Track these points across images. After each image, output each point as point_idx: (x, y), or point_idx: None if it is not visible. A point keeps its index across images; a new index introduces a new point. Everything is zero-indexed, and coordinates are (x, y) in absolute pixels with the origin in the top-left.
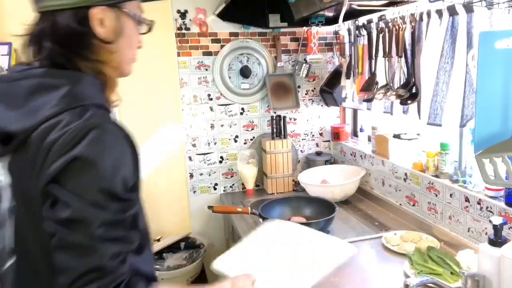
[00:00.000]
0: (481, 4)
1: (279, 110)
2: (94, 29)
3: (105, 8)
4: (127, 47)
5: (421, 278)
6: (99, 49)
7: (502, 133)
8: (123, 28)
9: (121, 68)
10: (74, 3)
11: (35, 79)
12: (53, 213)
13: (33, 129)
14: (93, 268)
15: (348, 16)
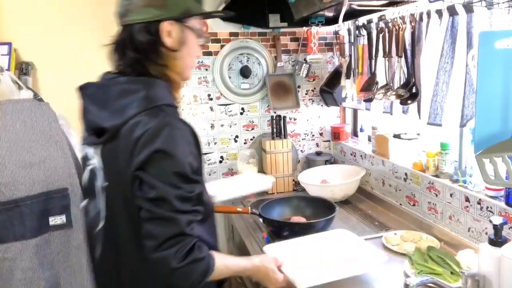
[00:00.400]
0: (481, 4)
1: (279, 110)
2: (163, 39)
3: (173, 22)
4: (188, 55)
5: (421, 278)
6: (166, 56)
7: (502, 133)
8: (186, 39)
9: (183, 73)
10: (150, 17)
11: (120, 85)
12: (142, 193)
13: (121, 125)
14: (174, 234)
15: (348, 16)
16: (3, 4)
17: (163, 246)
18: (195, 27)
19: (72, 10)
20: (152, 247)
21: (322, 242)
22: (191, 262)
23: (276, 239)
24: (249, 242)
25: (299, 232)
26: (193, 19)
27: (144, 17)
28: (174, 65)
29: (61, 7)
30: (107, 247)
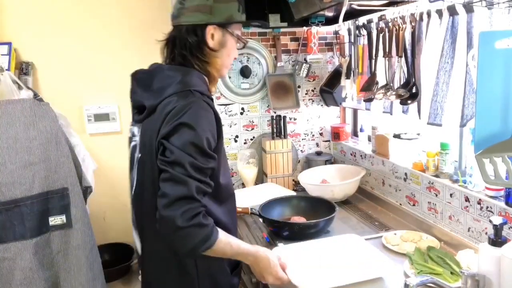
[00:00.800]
0: (481, 4)
1: (279, 110)
2: (207, 40)
3: (216, 27)
4: (227, 56)
5: (421, 278)
6: (208, 54)
7: (502, 133)
8: (226, 42)
9: (220, 70)
10: (197, 21)
11: (162, 72)
12: (163, 157)
13: (157, 104)
14: (184, 196)
15: (348, 16)
16: (3, 4)
17: (173, 206)
18: (235, 32)
19: (72, 10)
20: (163, 205)
21: (329, 247)
22: (195, 225)
23: (276, 239)
24: (249, 242)
25: (299, 232)
26: (234, 26)
27: (193, 20)
28: (214, 62)
29: (61, 7)
30: (138, 211)
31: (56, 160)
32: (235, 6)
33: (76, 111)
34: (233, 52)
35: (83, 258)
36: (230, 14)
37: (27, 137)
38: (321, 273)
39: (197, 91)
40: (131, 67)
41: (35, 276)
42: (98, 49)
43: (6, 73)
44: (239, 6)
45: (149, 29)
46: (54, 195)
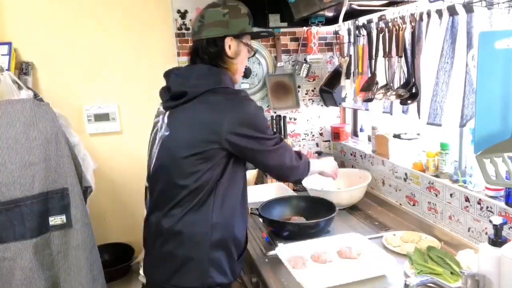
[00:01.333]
0: (481, 4)
1: (279, 110)
2: (226, 49)
3: (232, 38)
4: (240, 63)
5: (421, 278)
6: (227, 61)
7: (502, 133)
8: (240, 51)
9: (235, 75)
10: (217, 34)
11: (201, 69)
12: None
13: (196, 95)
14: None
15: (348, 16)
16: (3, 4)
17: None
18: (247, 42)
19: (72, 10)
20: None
21: (333, 246)
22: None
23: (276, 239)
24: (249, 242)
25: (299, 232)
26: (246, 37)
27: (213, 34)
28: (231, 68)
29: (61, 8)
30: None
31: (56, 160)
32: (246, 21)
33: (76, 111)
34: (245, 60)
35: (83, 258)
36: (243, 27)
37: (27, 137)
38: (324, 271)
39: (228, 87)
40: (131, 67)
41: (35, 276)
42: (98, 49)
43: (6, 73)
44: (249, 20)
45: (149, 29)
46: (54, 195)
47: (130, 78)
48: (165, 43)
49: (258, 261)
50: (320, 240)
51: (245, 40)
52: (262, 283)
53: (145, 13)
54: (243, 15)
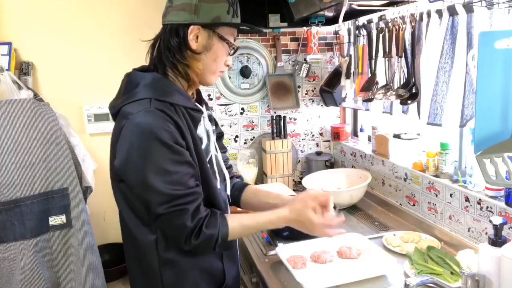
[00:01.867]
0: (481, 4)
1: (279, 110)
2: (189, 41)
3: (200, 28)
4: (212, 61)
5: (421, 278)
6: (189, 57)
7: (502, 133)
8: (211, 46)
9: (203, 76)
10: (181, 20)
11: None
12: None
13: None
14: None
15: (348, 16)
16: (3, 4)
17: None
18: (223, 36)
19: (72, 10)
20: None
21: (333, 246)
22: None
23: (276, 239)
24: (249, 242)
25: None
26: (223, 29)
27: (177, 19)
28: (194, 65)
29: (61, 8)
30: None
31: (56, 160)
32: (224, 7)
33: (76, 111)
34: (220, 57)
35: (83, 258)
36: (217, 15)
37: (27, 137)
38: (324, 271)
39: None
40: (131, 67)
41: (35, 276)
42: (98, 49)
43: (6, 73)
44: (229, 7)
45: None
46: (54, 195)
47: None
48: None
49: (258, 261)
50: (320, 240)
51: (222, 32)
52: (262, 283)
53: (145, 13)
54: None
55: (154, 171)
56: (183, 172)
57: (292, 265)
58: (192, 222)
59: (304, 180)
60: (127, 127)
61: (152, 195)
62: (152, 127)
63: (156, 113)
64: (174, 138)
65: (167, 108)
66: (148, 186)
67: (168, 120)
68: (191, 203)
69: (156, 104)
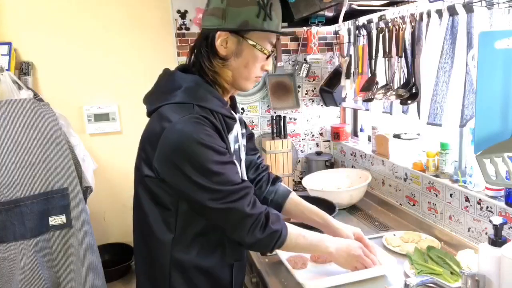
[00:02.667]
0: (481, 4)
1: (279, 110)
2: (217, 47)
3: (228, 33)
4: (244, 67)
5: (421, 278)
6: (216, 64)
7: (502, 133)
8: (241, 51)
9: (235, 82)
10: (210, 25)
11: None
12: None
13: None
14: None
15: (348, 16)
16: (3, 4)
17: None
18: (254, 41)
19: (72, 10)
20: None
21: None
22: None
23: None
24: None
25: None
26: (254, 34)
27: (207, 24)
28: (223, 73)
29: (61, 7)
30: None
31: (56, 160)
32: (252, 11)
33: (76, 111)
34: (252, 63)
35: (83, 258)
36: (245, 19)
37: (27, 137)
38: (324, 271)
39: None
40: (131, 67)
41: (35, 276)
42: (98, 49)
43: (6, 73)
44: (259, 10)
45: (149, 29)
46: (54, 195)
47: (130, 78)
48: (165, 43)
49: (258, 261)
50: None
51: (252, 37)
52: (262, 283)
53: (145, 13)
54: (249, 2)
55: (202, 174)
56: (229, 171)
57: (292, 265)
58: (252, 210)
59: (304, 180)
60: (170, 131)
61: (203, 194)
62: (194, 133)
63: (199, 119)
64: (216, 140)
65: (208, 114)
66: (198, 187)
67: (209, 126)
68: (245, 196)
69: (198, 110)
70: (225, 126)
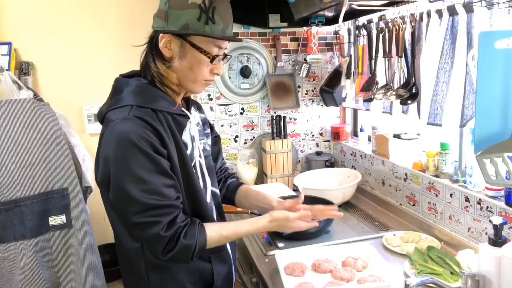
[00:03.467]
0: (481, 4)
1: (279, 110)
2: (160, 49)
3: (171, 36)
4: (189, 69)
5: (421, 278)
6: (160, 65)
7: (502, 133)
8: (185, 54)
9: (183, 84)
10: (155, 27)
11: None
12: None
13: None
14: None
15: (348, 16)
16: (3, 4)
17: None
18: (196, 44)
19: (72, 10)
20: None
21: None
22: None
23: (276, 239)
24: (249, 242)
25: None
26: (197, 37)
27: (154, 26)
28: (168, 75)
29: (61, 8)
30: None
31: (56, 160)
32: (193, 14)
33: (76, 111)
34: (197, 66)
35: (83, 258)
36: (185, 22)
37: (27, 137)
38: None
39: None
40: (131, 67)
41: (35, 276)
42: (98, 49)
43: (6, 73)
44: (200, 14)
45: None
46: (54, 195)
47: None
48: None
49: (258, 261)
50: (326, 248)
51: (196, 40)
52: (262, 283)
53: (145, 13)
54: (190, 5)
55: (130, 179)
56: (160, 182)
57: (290, 272)
58: (168, 232)
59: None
60: (106, 134)
61: (128, 204)
62: (129, 135)
63: (134, 121)
64: (152, 146)
65: (148, 115)
66: (124, 194)
67: (146, 128)
68: (167, 215)
69: (136, 111)
70: (175, 125)
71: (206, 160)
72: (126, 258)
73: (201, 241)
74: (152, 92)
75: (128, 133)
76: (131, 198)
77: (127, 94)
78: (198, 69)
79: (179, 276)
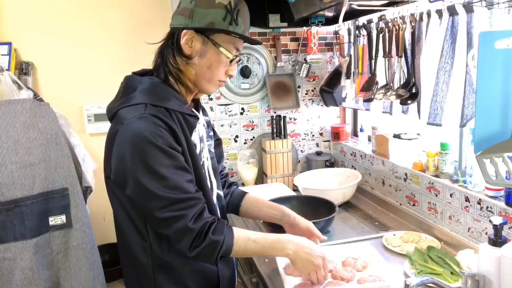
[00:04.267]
0: (481, 4)
1: (279, 110)
2: (182, 45)
3: (194, 33)
4: (207, 68)
5: (421, 278)
6: (180, 61)
7: (502, 133)
8: (206, 52)
9: (198, 83)
10: (177, 24)
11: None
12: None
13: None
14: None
15: (348, 16)
16: (3, 4)
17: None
18: (218, 43)
19: (72, 10)
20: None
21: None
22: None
23: None
24: None
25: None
26: (220, 36)
27: (175, 23)
28: (187, 71)
29: (61, 8)
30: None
31: (56, 160)
32: (219, 14)
33: (76, 111)
34: (215, 65)
35: (83, 258)
36: (211, 21)
37: (27, 137)
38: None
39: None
40: (131, 67)
41: (35, 276)
42: (98, 49)
43: (6, 73)
44: (226, 14)
45: (149, 29)
46: (54, 195)
47: None
48: None
49: (258, 261)
50: (326, 247)
51: (218, 39)
52: (262, 283)
53: (145, 13)
54: (217, 5)
55: (150, 177)
56: (179, 177)
57: (290, 272)
58: (195, 224)
59: (296, 179)
60: (122, 132)
61: (151, 201)
62: (145, 133)
63: (150, 119)
64: (168, 143)
65: (162, 114)
66: (146, 191)
67: (161, 126)
68: (191, 208)
69: (150, 109)
70: (186, 124)
71: (211, 161)
72: (131, 257)
73: (228, 239)
74: (165, 91)
75: (144, 131)
76: (153, 194)
77: (141, 92)
78: (216, 68)
79: (185, 278)
